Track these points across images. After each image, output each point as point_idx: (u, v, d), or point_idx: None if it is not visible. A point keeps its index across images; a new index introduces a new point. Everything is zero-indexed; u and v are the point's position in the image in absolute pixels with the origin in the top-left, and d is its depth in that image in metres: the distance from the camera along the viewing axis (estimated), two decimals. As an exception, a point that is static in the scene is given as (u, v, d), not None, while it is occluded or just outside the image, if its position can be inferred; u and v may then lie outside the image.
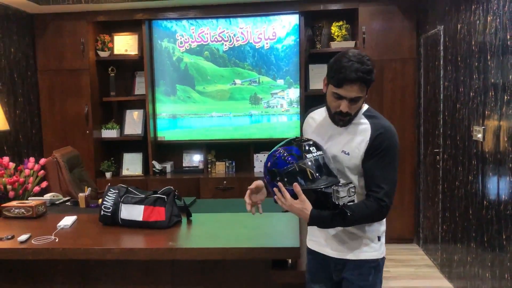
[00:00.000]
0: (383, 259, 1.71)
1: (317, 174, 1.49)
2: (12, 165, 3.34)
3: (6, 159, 3.35)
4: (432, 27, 3.77)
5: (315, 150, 1.52)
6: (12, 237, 2.41)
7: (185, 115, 4.55)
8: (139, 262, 2.22)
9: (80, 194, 3.01)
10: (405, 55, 4.17)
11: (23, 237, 2.39)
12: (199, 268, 2.20)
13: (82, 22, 4.29)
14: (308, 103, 4.34)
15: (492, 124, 2.67)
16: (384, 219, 1.68)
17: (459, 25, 3.20)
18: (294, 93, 4.41)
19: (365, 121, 1.59)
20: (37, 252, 2.26)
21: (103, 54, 4.48)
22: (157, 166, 4.53)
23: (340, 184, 1.49)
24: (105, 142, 4.59)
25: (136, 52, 4.54)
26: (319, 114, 1.74)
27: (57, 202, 3.12)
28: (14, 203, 2.88)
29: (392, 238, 4.21)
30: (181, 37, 4.48)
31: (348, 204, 1.51)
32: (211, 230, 2.29)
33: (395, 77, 4.18)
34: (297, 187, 1.48)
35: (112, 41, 4.57)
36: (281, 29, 4.38)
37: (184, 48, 4.49)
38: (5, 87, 3.90)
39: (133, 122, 4.67)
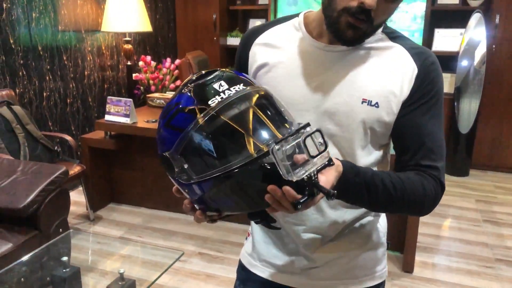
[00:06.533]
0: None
1: (243, 130, 0.69)
2: (153, 63, 3.91)
3: (148, 57, 3.91)
4: None
5: (225, 87, 0.72)
6: (155, 121, 2.96)
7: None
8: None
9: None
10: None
11: (164, 121, 2.92)
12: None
13: None
14: (434, 18, 4.12)
15: None
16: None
17: None
18: (419, 7, 4.19)
19: (391, 43, 0.88)
20: (175, 133, 2.78)
21: (232, -37, 4.67)
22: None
23: (282, 136, 0.66)
24: (230, 49, 4.96)
25: (263, -39, 4.65)
26: (283, 32, 0.93)
27: (189, 98, 3.62)
28: (156, 94, 3.45)
29: (506, 167, 4.06)
30: None
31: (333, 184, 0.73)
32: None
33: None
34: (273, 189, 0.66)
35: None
36: None
37: (309, -44, 4.46)
38: (148, -7, 4.39)
39: (255, 31, 4.93)
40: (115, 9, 3.60)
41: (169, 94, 3.44)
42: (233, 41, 4.88)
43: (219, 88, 0.72)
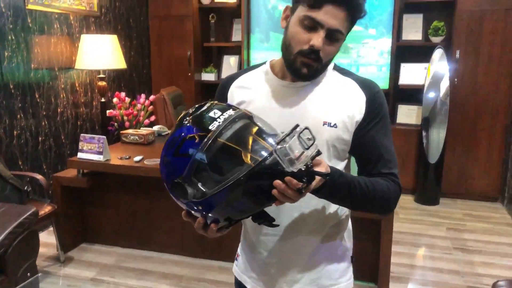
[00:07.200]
0: None
1: (242, 147, 0.86)
2: (127, 99, 3.93)
3: (122, 94, 3.94)
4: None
5: (219, 114, 0.90)
6: (129, 158, 2.96)
7: (277, 62, 4.77)
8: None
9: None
10: (509, 5, 3.89)
11: (137, 158, 2.93)
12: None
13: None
14: (400, 54, 4.32)
15: None
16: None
17: None
18: (386, 43, 4.39)
19: (343, 77, 1.10)
20: (148, 170, 2.78)
21: (205, 1, 4.81)
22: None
23: (280, 138, 0.83)
24: (205, 84, 5.04)
25: (235, 0, 4.81)
26: (254, 77, 1.16)
27: (163, 134, 3.64)
28: (129, 131, 3.46)
29: (473, 195, 4.19)
30: (277, -15, 4.63)
31: (330, 167, 0.93)
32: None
33: (496, 30, 3.94)
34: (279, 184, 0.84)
35: (213, -12, 4.87)
36: (377, -24, 4.30)
37: (279, -4, 4.65)
38: (123, 31, 4.46)
39: (229, 67, 5.04)
40: (89, 47, 3.64)
41: (144, 130, 3.45)
42: (208, 76, 4.97)
43: (214, 115, 0.89)
